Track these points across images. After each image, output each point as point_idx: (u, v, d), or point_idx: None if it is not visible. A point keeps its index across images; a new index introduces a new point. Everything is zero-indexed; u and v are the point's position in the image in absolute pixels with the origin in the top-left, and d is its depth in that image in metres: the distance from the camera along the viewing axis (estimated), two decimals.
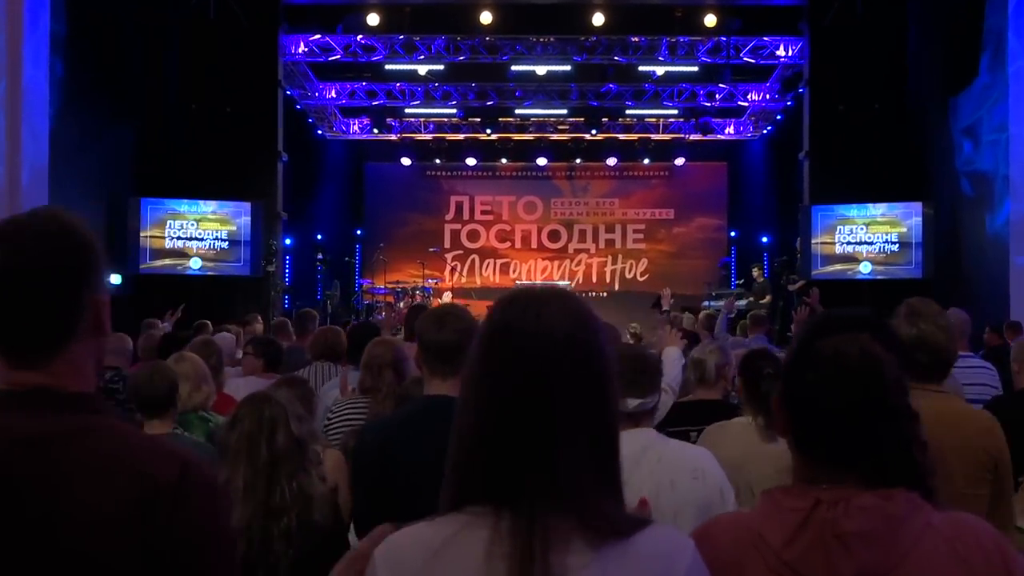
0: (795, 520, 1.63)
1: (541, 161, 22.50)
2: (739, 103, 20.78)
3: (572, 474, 1.46)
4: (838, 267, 16.61)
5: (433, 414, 2.84)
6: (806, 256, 16.71)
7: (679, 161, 22.28)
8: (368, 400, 4.74)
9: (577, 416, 1.48)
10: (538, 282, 21.19)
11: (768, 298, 17.13)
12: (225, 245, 16.98)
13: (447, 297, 19.79)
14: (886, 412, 1.64)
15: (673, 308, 15.11)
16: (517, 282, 20.97)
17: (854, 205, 16.48)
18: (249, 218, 17.03)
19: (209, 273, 16.83)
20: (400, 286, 19.55)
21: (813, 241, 16.67)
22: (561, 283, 20.72)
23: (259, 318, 12.10)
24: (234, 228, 17.02)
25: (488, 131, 21.18)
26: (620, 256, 23.41)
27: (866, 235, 16.46)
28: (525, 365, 1.50)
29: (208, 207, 16.95)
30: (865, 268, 16.44)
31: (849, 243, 16.57)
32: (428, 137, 22.25)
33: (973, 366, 6.08)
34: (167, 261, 16.69)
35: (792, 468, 1.72)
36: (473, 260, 23.41)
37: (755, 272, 18.26)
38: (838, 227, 16.64)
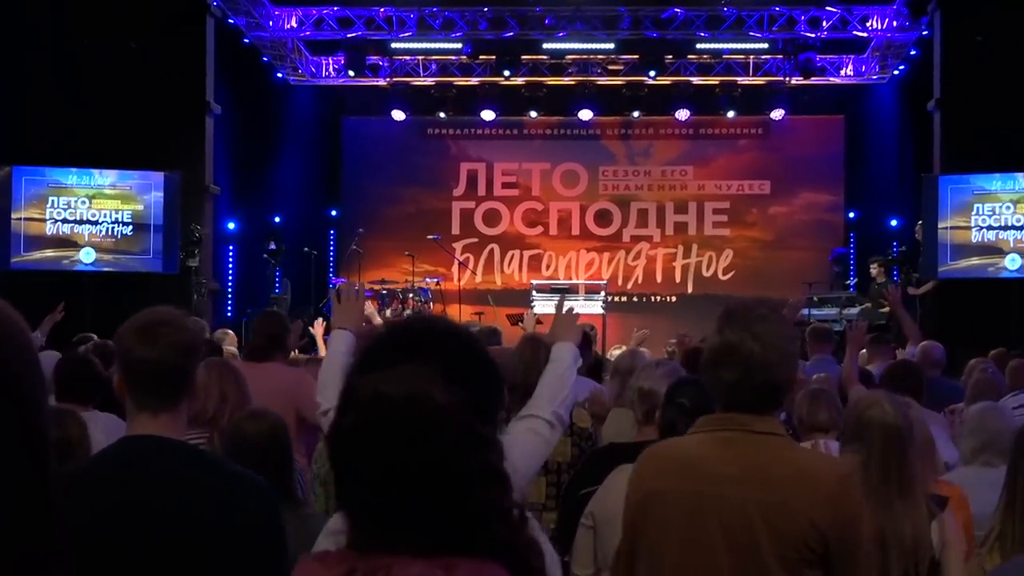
0: None
1: (584, 115, 22.09)
2: (855, 33, 20.28)
3: None
4: (974, 261, 16.44)
5: (122, 462, 2.98)
6: (930, 246, 16.58)
7: (776, 114, 21.83)
8: (203, 434, 4.83)
9: None
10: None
11: None
12: (128, 231, 16.97)
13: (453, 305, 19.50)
14: (443, 474, 1.73)
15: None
16: (552, 282, 20.48)
17: (997, 175, 16.32)
18: (162, 194, 16.99)
19: (106, 269, 16.76)
20: (387, 287, 19.30)
21: (940, 225, 16.57)
22: (600, 283, 20.11)
23: None
24: (141, 207, 17.01)
25: (508, 73, 20.86)
26: (695, 246, 22.98)
27: (1014, 217, 16.25)
28: None
29: (105, 178, 16.92)
30: (1012, 263, 16.31)
31: (990, 228, 16.40)
32: (428, 82, 22.03)
33: None
34: (48, 252, 16.66)
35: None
36: (491, 251, 23.10)
37: (874, 269, 18.23)
38: (975, 205, 16.46)
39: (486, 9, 20.09)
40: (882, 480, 3.94)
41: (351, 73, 20.89)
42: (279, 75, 21.67)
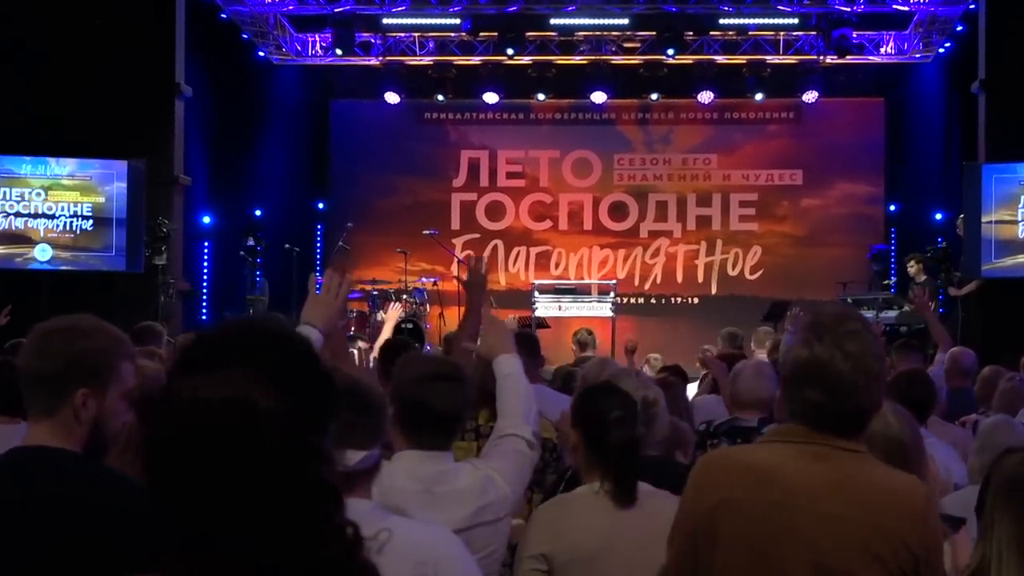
0: None
1: (597, 97, 21.99)
2: (895, 7, 20.23)
3: None
4: (1021, 259, 16.42)
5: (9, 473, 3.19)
6: (972, 242, 16.51)
7: (809, 96, 21.71)
8: None
9: None
10: (583, 282, 20.55)
11: (931, 306, 16.72)
12: (88, 225, 16.93)
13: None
14: (267, 486, 1.71)
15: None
16: (556, 282, 20.33)
17: None
18: (125, 184, 16.92)
19: (64, 268, 16.72)
20: (378, 287, 19.25)
21: (984, 219, 16.51)
22: (609, 283, 19.92)
23: None
24: (102, 200, 16.98)
25: (512, 52, 20.74)
26: (719, 243, 22.94)
27: None
28: None
29: (63, 168, 16.90)
30: None
31: None
32: (425, 61, 21.95)
33: None
34: (0, 250, 16.63)
35: None
36: (495, 248, 22.91)
37: (912, 268, 18.20)
38: (1022, 197, 16.42)
39: None
40: None
41: (339, 52, 20.83)
42: (261, 54, 21.59)
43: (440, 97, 22.23)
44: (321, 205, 22.93)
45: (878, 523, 3.08)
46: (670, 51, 20.59)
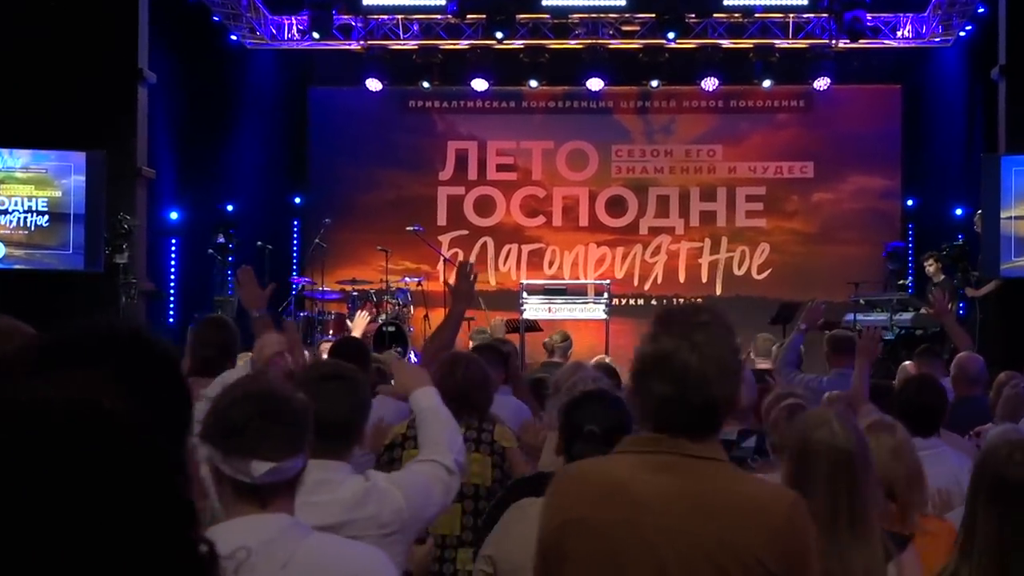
0: None
1: (593, 84, 21.94)
2: None
3: None
4: None
5: None
6: (991, 239, 16.46)
7: (820, 83, 21.67)
8: None
9: None
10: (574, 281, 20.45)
11: (951, 308, 16.75)
12: (44, 221, 16.97)
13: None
14: (114, 500, 1.63)
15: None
16: (547, 282, 20.23)
17: None
18: (83, 177, 16.91)
19: (18, 267, 16.76)
20: (358, 288, 19.20)
21: (1003, 214, 16.51)
22: (603, 283, 19.83)
23: None
24: (58, 194, 17.00)
25: (502, 36, 20.69)
26: (725, 240, 22.82)
27: None
28: None
29: (16, 160, 16.94)
30: None
31: None
32: (409, 46, 21.88)
33: None
34: None
35: None
36: (484, 245, 22.94)
37: (929, 267, 18.27)
38: None
39: None
40: (829, 513, 3.93)
41: (317, 35, 20.79)
42: (233, 38, 21.50)
43: (425, 84, 22.13)
44: (297, 200, 22.81)
45: (726, 538, 3.04)
46: (671, 34, 20.58)
